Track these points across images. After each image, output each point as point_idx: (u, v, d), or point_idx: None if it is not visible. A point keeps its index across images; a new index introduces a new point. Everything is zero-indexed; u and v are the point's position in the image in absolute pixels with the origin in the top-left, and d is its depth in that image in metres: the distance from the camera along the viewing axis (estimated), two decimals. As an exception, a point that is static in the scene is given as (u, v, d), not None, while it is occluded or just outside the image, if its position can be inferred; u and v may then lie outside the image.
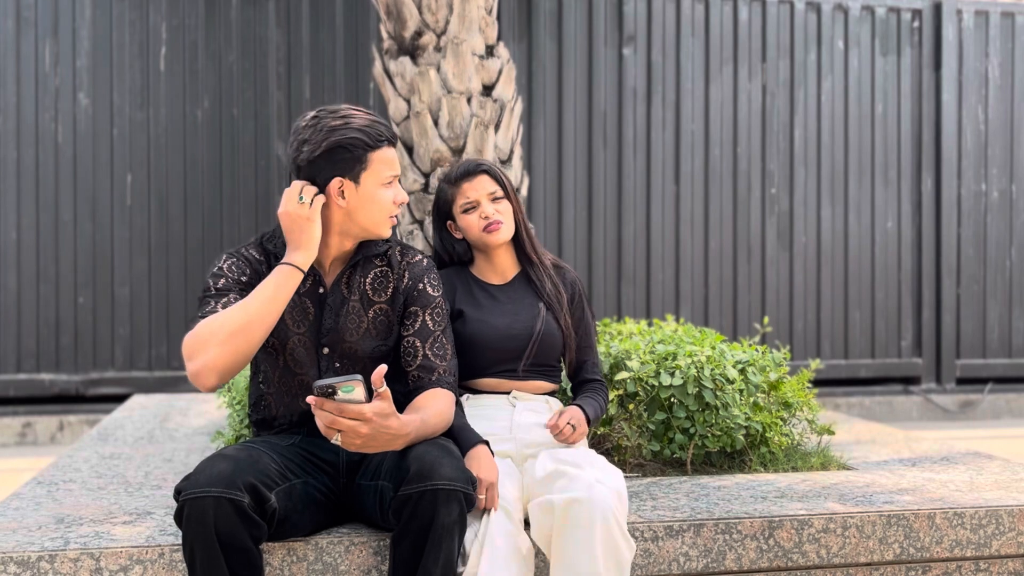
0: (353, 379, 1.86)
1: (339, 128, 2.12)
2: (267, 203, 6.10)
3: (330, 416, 1.86)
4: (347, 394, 1.86)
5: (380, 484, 2.06)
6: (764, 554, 2.31)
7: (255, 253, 2.23)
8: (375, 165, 2.14)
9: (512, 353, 2.42)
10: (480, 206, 2.45)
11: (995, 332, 7.01)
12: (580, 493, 1.99)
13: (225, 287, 2.14)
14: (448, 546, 1.91)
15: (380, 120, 2.18)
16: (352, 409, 1.86)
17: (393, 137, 2.19)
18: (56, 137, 5.91)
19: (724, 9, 6.64)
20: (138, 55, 5.98)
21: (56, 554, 2.04)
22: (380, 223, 2.19)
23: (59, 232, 5.91)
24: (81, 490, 2.63)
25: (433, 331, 2.23)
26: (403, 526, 1.93)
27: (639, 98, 6.52)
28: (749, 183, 6.65)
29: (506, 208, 2.47)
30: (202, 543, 1.85)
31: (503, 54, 3.40)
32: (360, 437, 1.89)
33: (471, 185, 2.47)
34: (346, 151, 2.12)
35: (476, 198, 2.46)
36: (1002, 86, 7.01)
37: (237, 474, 1.89)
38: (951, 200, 6.90)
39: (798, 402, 2.97)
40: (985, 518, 2.42)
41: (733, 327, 6.60)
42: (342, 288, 2.22)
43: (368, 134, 2.13)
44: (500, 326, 2.42)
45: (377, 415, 1.88)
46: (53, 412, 5.88)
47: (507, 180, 2.52)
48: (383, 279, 2.25)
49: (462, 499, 1.93)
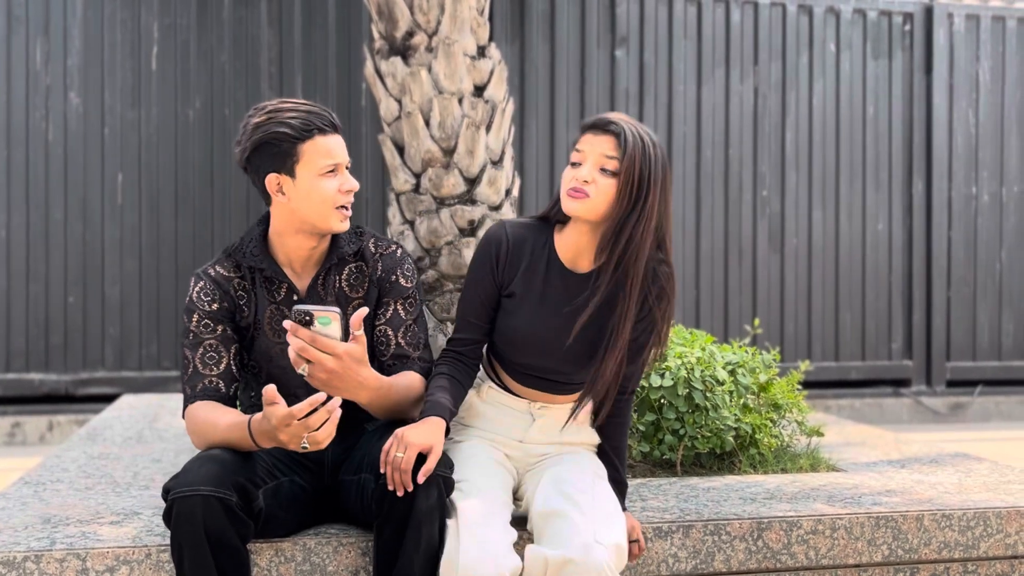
0: (331, 311, 1.88)
1: (263, 124, 2.06)
2: (258, 203, 6.08)
3: (301, 343, 1.87)
4: (323, 326, 1.87)
5: (362, 477, 2.06)
6: (753, 555, 2.31)
7: (224, 270, 2.16)
8: (308, 156, 2.06)
9: (554, 365, 2.16)
10: (585, 164, 2.07)
11: (985, 335, 7.04)
12: (576, 554, 1.92)
13: (198, 327, 2.10)
14: (428, 530, 1.92)
15: (315, 110, 2.08)
16: (325, 342, 1.87)
17: (330, 125, 2.09)
18: (47, 136, 5.89)
19: (716, 11, 6.65)
20: (129, 54, 5.96)
21: (42, 554, 2.03)
22: (326, 216, 2.09)
23: (49, 231, 5.89)
24: (68, 490, 2.62)
25: (405, 320, 2.20)
26: (385, 514, 1.94)
27: (631, 99, 6.53)
28: (740, 185, 6.66)
29: (608, 185, 2.05)
30: (190, 542, 1.84)
31: (495, 55, 3.40)
32: (326, 372, 1.89)
33: (590, 138, 2.08)
34: (273, 146, 2.06)
35: (586, 154, 2.07)
36: (992, 90, 7.03)
37: (225, 473, 1.89)
38: (942, 203, 6.92)
39: (788, 404, 2.97)
40: (973, 520, 2.43)
41: (724, 328, 6.61)
42: (319, 290, 2.19)
43: (294, 126, 2.04)
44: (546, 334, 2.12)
45: (348, 355, 1.90)
46: (42, 412, 5.85)
47: (634, 156, 2.04)
48: (358, 274, 2.22)
49: (441, 483, 1.94)
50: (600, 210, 2.07)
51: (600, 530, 1.97)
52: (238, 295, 2.15)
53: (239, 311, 2.14)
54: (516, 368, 2.21)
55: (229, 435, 1.98)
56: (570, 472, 2.13)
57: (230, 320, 2.13)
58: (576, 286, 2.15)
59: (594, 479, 2.14)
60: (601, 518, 2.01)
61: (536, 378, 2.21)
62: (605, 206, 2.07)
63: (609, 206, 2.07)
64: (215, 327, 2.10)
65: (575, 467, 2.16)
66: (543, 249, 2.17)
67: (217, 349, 2.09)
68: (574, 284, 2.15)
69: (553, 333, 2.14)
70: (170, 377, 5.95)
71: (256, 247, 2.15)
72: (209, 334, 2.10)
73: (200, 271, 2.17)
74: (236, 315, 2.14)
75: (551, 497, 2.06)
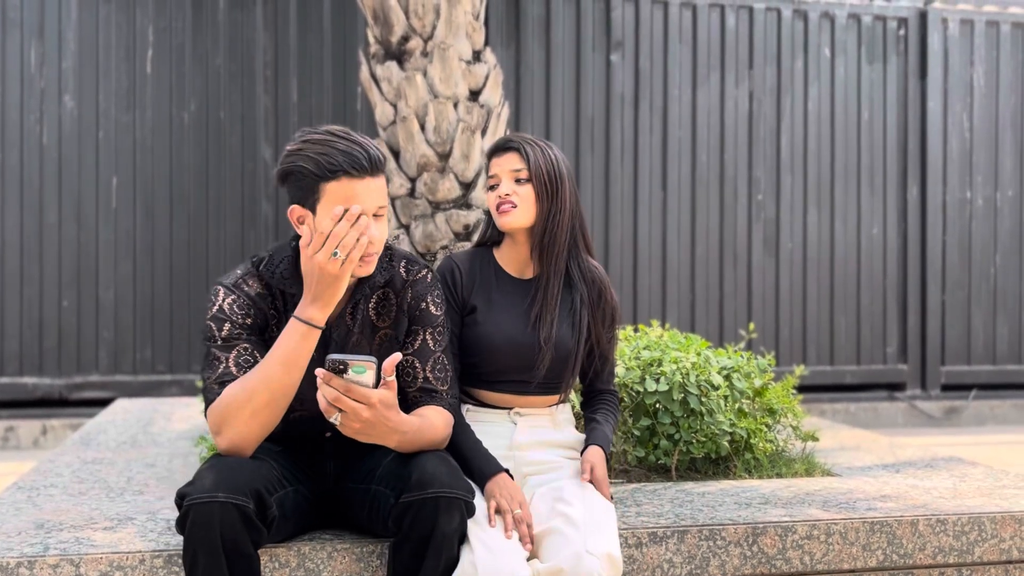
0: (367, 360, 1.84)
1: (292, 153, 1.98)
2: (253, 206, 6.08)
3: (335, 393, 1.84)
4: (357, 375, 1.84)
5: (374, 488, 2.04)
6: (748, 560, 2.31)
7: (256, 286, 2.07)
8: (329, 196, 1.94)
9: (522, 362, 2.29)
10: (502, 183, 2.29)
11: (980, 339, 7.05)
12: (567, 563, 1.94)
13: (231, 335, 2.02)
14: (448, 554, 1.91)
15: (349, 149, 1.95)
16: (360, 391, 1.84)
17: (363, 168, 1.95)
18: (41, 139, 5.88)
19: (711, 16, 6.66)
20: (124, 57, 5.96)
21: (35, 560, 2.02)
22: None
23: (43, 234, 5.88)
24: (62, 495, 2.61)
25: (434, 351, 2.14)
26: (404, 533, 1.92)
27: (626, 104, 6.53)
28: (736, 189, 6.67)
29: (527, 192, 2.28)
30: (206, 549, 1.82)
31: (490, 59, 3.40)
32: (360, 421, 1.86)
33: (497, 161, 2.31)
34: (297, 178, 1.97)
35: (499, 175, 2.30)
36: (987, 94, 7.05)
37: (243, 480, 1.87)
38: (936, 207, 6.94)
39: (783, 408, 2.97)
40: (968, 525, 2.43)
41: (719, 333, 6.61)
42: (347, 320, 2.12)
43: (319, 163, 1.93)
44: (512, 332, 2.28)
45: (381, 403, 1.87)
46: (36, 416, 5.84)
47: (538, 161, 2.29)
48: (385, 301, 2.15)
49: (463, 507, 1.93)
50: (530, 214, 2.29)
51: (590, 540, 1.99)
52: (270, 314, 2.09)
53: (269, 330, 2.09)
54: (491, 379, 2.31)
55: (274, 356, 1.92)
56: (562, 489, 2.16)
57: (260, 334, 2.08)
58: (526, 289, 2.35)
59: (584, 489, 2.16)
60: (591, 529, 2.03)
61: (510, 383, 2.31)
62: (532, 210, 2.29)
63: (535, 209, 2.29)
64: (249, 336, 2.05)
65: (568, 481, 2.21)
66: (489, 267, 2.37)
67: (252, 353, 2.03)
68: (524, 288, 2.35)
69: (519, 331, 2.29)
70: (164, 381, 5.94)
71: (287, 269, 2.08)
72: (243, 341, 2.04)
73: (230, 284, 2.06)
74: (266, 333, 2.09)
75: (545, 515, 2.09)
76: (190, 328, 5.98)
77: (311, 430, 2.15)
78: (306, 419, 2.13)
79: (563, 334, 2.30)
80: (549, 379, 2.31)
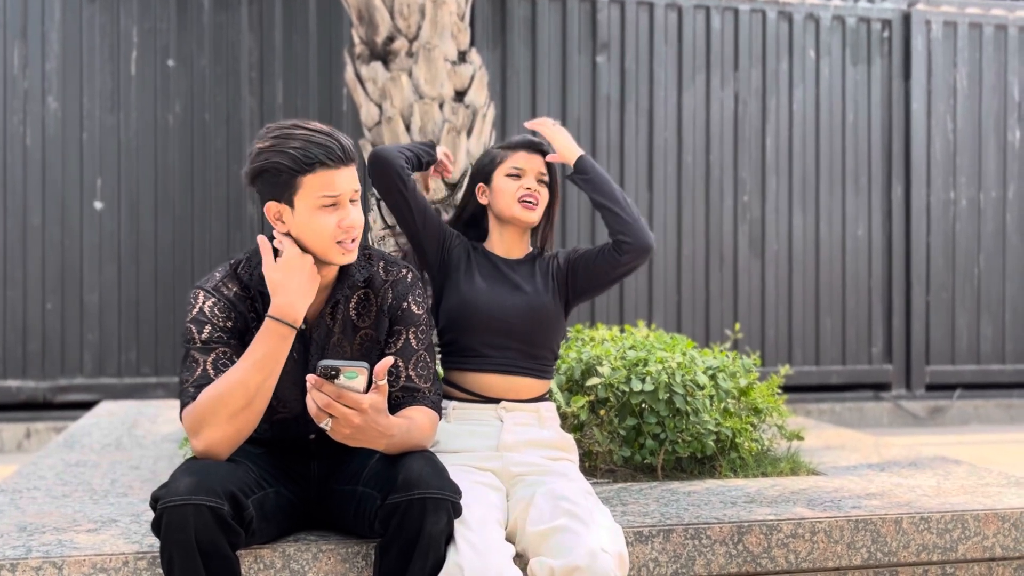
0: (359, 366, 1.85)
1: (265, 151, 2.00)
2: (238, 209, 6.06)
3: (326, 399, 1.84)
4: (349, 380, 1.84)
5: (360, 490, 2.04)
6: (733, 559, 2.32)
7: (235, 288, 2.08)
8: (307, 188, 1.99)
9: (508, 326, 2.38)
10: (526, 177, 2.48)
11: (964, 339, 7.09)
12: (583, 561, 1.93)
13: (211, 337, 2.02)
14: (435, 555, 1.91)
15: (322, 140, 2.00)
16: (351, 397, 1.85)
17: (337, 158, 2.00)
18: (24, 141, 5.85)
19: (697, 18, 6.68)
20: (108, 58, 5.93)
21: (18, 563, 2.01)
22: (325, 249, 2.03)
23: (27, 237, 5.84)
24: (45, 498, 2.59)
25: (417, 350, 2.15)
26: (391, 534, 1.92)
27: (613, 105, 6.54)
28: (721, 190, 6.69)
29: (545, 194, 2.51)
30: (181, 551, 1.81)
31: (475, 60, 3.40)
32: (351, 427, 1.87)
33: (527, 157, 2.50)
34: (272, 175, 1.99)
35: (527, 170, 2.49)
36: (970, 95, 7.10)
37: (217, 482, 1.86)
38: (920, 208, 6.98)
39: (768, 408, 2.98)
40: (951, 522, 2.44)
41: (705, 333, 6.63)
42: (326, 320, 2.12)
43: (295, 158, 1.97)
44: (498, 294, 2.41)
45: (372, 408, 1.88)
46: (20, 419, 5.80)
47: (556, 171, 2.58)
48: (366, 302, 2.16)
49: (450, 508, 1.93)
50: (541, 213, 2.53)
51: (605, 540, 1.99)
52: (249, 316, 2.09)
53: (249, 332, 2.08)
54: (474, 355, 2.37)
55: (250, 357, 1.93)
56: (564, 489, 2.15)
57: (240, 337, 2.07)
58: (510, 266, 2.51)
59: (586, 495, 2.16)
60: (605, 526, 2.04)
61: (498, 363, 2.37)
62: (543, 209, 2.53)
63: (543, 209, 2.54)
64: (228, 339, 2.04)
65: (567, 483, 2.19)
66: (475, 250, 2.52)
67: (231, 357, 2.03)
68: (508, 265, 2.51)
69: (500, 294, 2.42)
70: (149, 384, 5.91)
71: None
72: (223, 345, 2.03)
73: (209, 288, 2.07)
74: (246, 336, 2.08)
75: (548, 514, 2.07)
76: (175, 330, 5.95)
77: (295, 432, 2.15)
78: (290, 420, 2.12)
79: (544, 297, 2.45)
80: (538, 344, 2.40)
